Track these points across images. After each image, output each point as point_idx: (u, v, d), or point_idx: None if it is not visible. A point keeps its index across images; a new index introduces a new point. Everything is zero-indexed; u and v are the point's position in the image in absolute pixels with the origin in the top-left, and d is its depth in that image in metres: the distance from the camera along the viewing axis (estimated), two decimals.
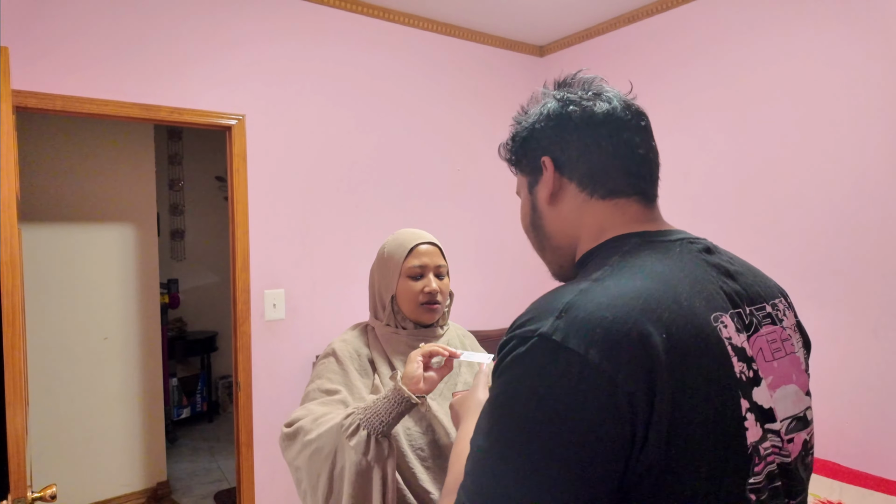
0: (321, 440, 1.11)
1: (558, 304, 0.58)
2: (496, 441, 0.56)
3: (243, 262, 2.35)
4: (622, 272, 0.62)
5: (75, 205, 3.20)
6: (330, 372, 1.25)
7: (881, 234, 1.97)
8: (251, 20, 2.37)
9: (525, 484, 0.53)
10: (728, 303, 0.63)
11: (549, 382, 0.53)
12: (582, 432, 0.52)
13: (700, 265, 0.66)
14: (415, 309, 1.28)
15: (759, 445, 0.59)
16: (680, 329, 0.56)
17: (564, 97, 0.75)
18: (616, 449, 0.52)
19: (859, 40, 2.00)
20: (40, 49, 1.96)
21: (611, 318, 0.55)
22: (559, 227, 0.75)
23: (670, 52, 2.60)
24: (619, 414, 0.52)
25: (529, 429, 0.54)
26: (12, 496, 1.28)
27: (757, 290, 0.69)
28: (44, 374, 3.05)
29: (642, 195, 0.73)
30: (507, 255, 3.18)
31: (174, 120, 2.20)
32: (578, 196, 0.73)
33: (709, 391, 0.56)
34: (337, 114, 2.60)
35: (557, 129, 0.74)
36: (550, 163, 0.74)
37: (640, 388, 0.52)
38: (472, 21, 2.88)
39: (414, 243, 1.29)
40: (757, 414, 0.60)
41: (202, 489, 3.57)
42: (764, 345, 0.65)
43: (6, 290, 1.35)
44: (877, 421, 1.98)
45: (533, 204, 0.79)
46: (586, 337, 0.53)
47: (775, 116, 2.24)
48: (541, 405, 0.53)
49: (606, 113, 0.72)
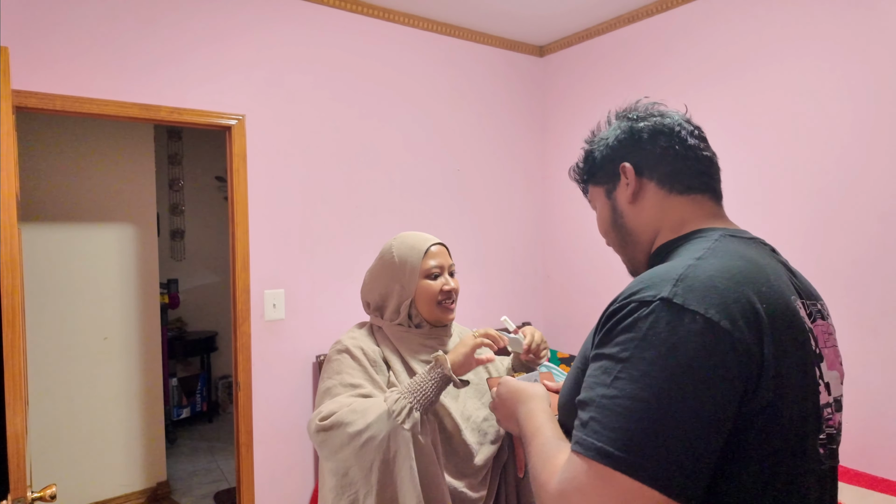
0: (372, 429, 1.12)
1: (673, 274, 0.66)
2: (628, 387, 0.61)
3: (243, 262, 2.35)
4: (722, 254, 0.71)
5: (75, 205, 3.20)
6: (349, 367, 1.25)
7: (881, 233, 1.97)
8: (251, 20, 2.37)
9: (666, 423, 0.59)
10: (796, 293, 0.74)
11: (679, 335, 0.61)
12: (711, 377, 0.60)
13: (773, 259, 0.77)
14: (433, 309, 1.31)
15: (824, 409, 0.70)
16: (774, 302, 0.67)
17: (636, 115, 0.89)
18: (736, 391, 0.61)
19: (860, 39, 2.00)
20: (40, 49, 1.96)
21: (722, 286, 0.64)
22: (642, 221, 0.86)
23: (670, 52, 2.60)
24: (737, 363, 0.61)
25: (665, 377, 0.60)
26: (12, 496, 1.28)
27: (810, 289, 0.80)
28: (44, 374, 3.05)
29: (713, 192, 0.85)
30: (506, 255, 3.18)
31: (174, 120, 2.20)
32: (658, 193, 0.84)
33: (797, 354, 0.67)
34: (337, 114, 2.60)
35: (633, 140, 0.87)
36: (630, 167, 0.86)
37: (753, 342, 0.62)
38: (472, 21, 2.88)
39: (427, 245, 1.32)
40: (823, 382, 0.71)
41: (202, 489, 3.57)
42: (820, 333, 0.75)
43: (6, 290, 1.35)
44: (876, 421, 1.99)
45: (613, 206, 0.90)
46: (704, 300, 0.62)
47: (775, 115, 2.24)
48: (673, 353, 0.60)
49: (672, 124, 0.86)
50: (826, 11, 2.08)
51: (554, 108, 3.24)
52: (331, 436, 1.15)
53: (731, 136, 2.39)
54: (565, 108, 3.17)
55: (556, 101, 3.23)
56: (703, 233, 0.79)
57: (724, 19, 2.40)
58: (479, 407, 1.32)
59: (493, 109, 3.11)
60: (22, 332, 1.46)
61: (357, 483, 1.16)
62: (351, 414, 1.14)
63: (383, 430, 1.12)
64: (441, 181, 2.93)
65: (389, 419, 1.11)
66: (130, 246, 3.37)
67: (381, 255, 1.35)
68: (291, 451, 2.48)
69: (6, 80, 1.41)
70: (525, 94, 3.23)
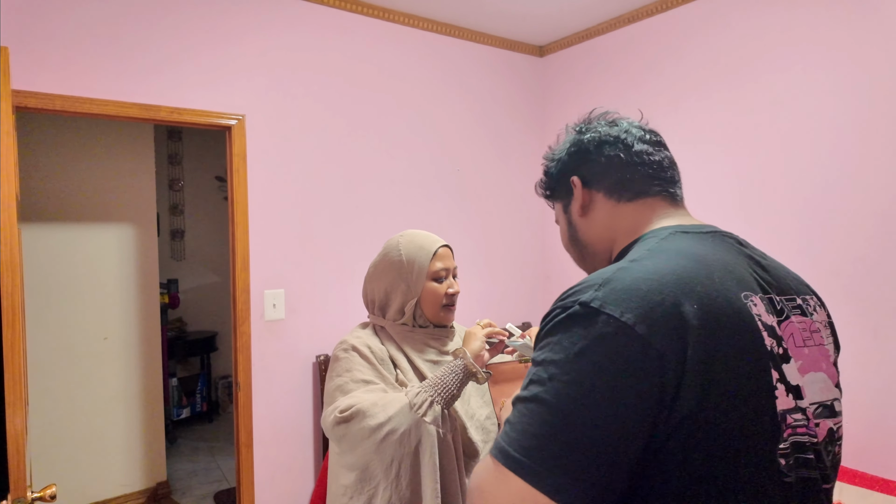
0: (393, 422, 1.12)
1: (598, 279, 0.64)
2: (539, 393, 0.60)
3: (243, 262, 2.35)
4: (659, 254, 0.69)
5: (75, 205, 3.20)
6: (358, 365, 1.25)
7: (881, 234, 1.97)
8: (251, 20, 2.37)
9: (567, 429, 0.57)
10: (759, 287, 0.69)
11: (589, 340, 0.59)
12: (618, 382, 0.57)
13: (733, 252, 0.72)
14: (437, 311, 1.32)
15: (787, 415, 0.64)
16: (712, 301, 0.62)
17: (582, 128, 0.89)
18: (647, 400, 0.57)
19: (862, 39, 2.00)
20: (40, 49, 1.96)
21: (645, 289, 0.61)
22: (594, 233, 0.85)
23: (670, 52, 2.60)
24: (649, 369, 0.57)
25: (571, 380, 0.58)
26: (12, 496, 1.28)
27: (787, 283, 0.74)
28: (44, 374, 3.05)
29: (667, 193, 0.83)
30: (506, 255, 3.18)
31: (174, 120, 2.20)
32: (607, 203, 0.83)
33: (739, 356, 0.61)
34: (337, 114, 2.60)
35: (580, 152, 0.86)
36: (578, 180, 0.85)
37: (671, 349, 0.58)
38: (472, 21, 2.88)
39: (436, 246, 1.33)
40: (787, 386, 0.64)
41: (202, 489, 3.57)
42: (795, 331, 0.70)
43: (6, 290, 1.35)
44: (877, 421, 1.99)
45: (569, 221, 0.90)
46: (622, 304, 0.60)
47: (775, 116, 2.24)
48: (580, 358, 0.59)
49: (619, 132, 0.84)
50: (826, 11, 2.08)
51: (554, 109, 3.24)
52: (351, 428, 1.14)
53: (730, 136, 2.39)
54: (565, 109, 3.17)
55: (556, 102, 3.23)
56: (654, 233, 0.77)
57: (724, 19, 2.40)
58: (481, 405, 1.34)
59: (492, 109, 3.11)
60: (22, 332, 1.46)
61: (377, 477, 1.16)
62: (372, 407, 1.14)
63: (405, 423, 1.12)
64: (441, 181, 2.93)
65: (411, 412, 1.12)
66: (130, 246, 3.37)
67: (387, 251, 1.34)
68: (291, 451, 2.48)
69: (6, 80, 1.41)
70: (525, 95, 3.23)
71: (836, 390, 0.72)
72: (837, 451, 0.71)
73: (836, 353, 0.77)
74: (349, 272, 2.59)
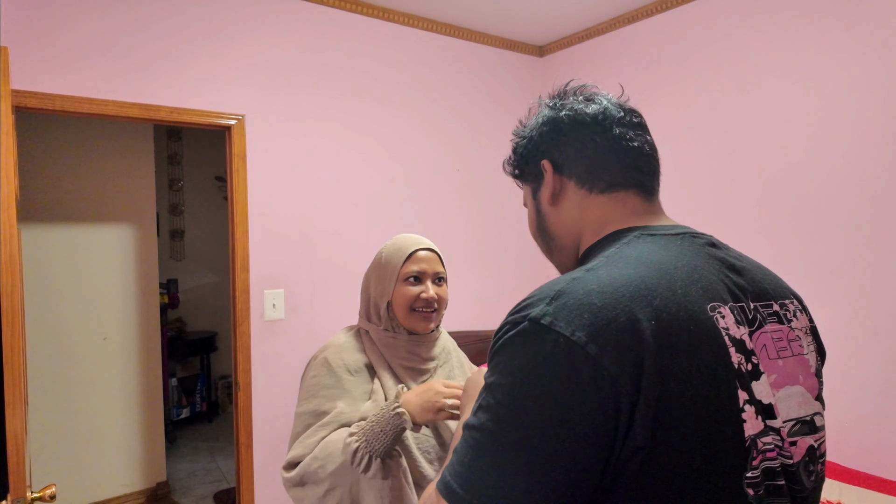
0: (334, 479, 1.12)
1: (550, 291, 0.58)
2: (485, 421, 0.56)
3: (243, 262, 2.35)
4: (617, 262, 0.62)
5: (75, 205, 3.20)
6: (323, 388, 1.22)
7: (881, 234, 1.97)
8: (251, 20, 2.37)
9: (512, 461, 0.53)
10: (729, 295, 0.63)
11: (537, 361, 0.54)
12: (567, 409, 0.52)
13: (702, 257, 0.65)
14: (407, 316, 1.26)
15: (758, 439, 0.57)
16: (672, 315, 0.56)
17: (556, 104, 0.78)
18: (600, 427, 0.52)
19: (861, 39, 2.00)
20: (40, 49, 1.96)
21: (599, 303, 0.55)
22: (562, 225, 0.77)
23: (670, 52, 2.60)
24: (602, 393, 0.52)
25: (517, 406, 0.54)
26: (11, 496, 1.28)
27: (764, 287, 0.68)
28: (44, 374, 3.05)
29: (641, 187, 0.74)
30: (507, 255, 3.18)
31: (174, 120, 2.20)
32: (579, 193, 0.75)
33: (702, 378, 0.55)
34: (336, 114, 2.60)
35: (552, 133, 0.77)
36: (549, 165, 0.76)
37: (626, 371, 0.52)
38: (472, 21, 2.88)
39: (413, 248, 1.28)
40: (757, 407, 0.58)
41: (202, 489, 3.57)
42: (768, 341, 0.64)
43: (6, 290, 1.35)
44: (877, 421, 1.98)
45: (537, 208, 0.80)
46: (574, 321, 0.54)
47: (775, 116, 2.24)
48: (527, 382, 0.54)
49: (596, 112, 0.74)
50: (826, 11, 2.08)
51: None
52: (305, 493, 1.16)
53: (730, 135, 2.39)
54: None
55: None
56: (618, 234, 0.70)
57: (724, 18, 2.40)
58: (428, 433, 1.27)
59: (493, 109, 3.11)
60: (22, 332, 1.46)
61: None
62: (313, 461, 1.14)
63: (347, 480, 1.12)
64: (441, 181, 2.93)
65: (353, 467, 1.10)
66: (130, 246, 3.36)
67: (377, 254, 1.34)
68: None
69: (6, 80, 1.41)
70: (525, 95, 3.23)
71: (817, 403, 0.67)
72: (820, 468, 0.65)
73: (818, 362, 0.72)
74: (349, 272, 2.59)
